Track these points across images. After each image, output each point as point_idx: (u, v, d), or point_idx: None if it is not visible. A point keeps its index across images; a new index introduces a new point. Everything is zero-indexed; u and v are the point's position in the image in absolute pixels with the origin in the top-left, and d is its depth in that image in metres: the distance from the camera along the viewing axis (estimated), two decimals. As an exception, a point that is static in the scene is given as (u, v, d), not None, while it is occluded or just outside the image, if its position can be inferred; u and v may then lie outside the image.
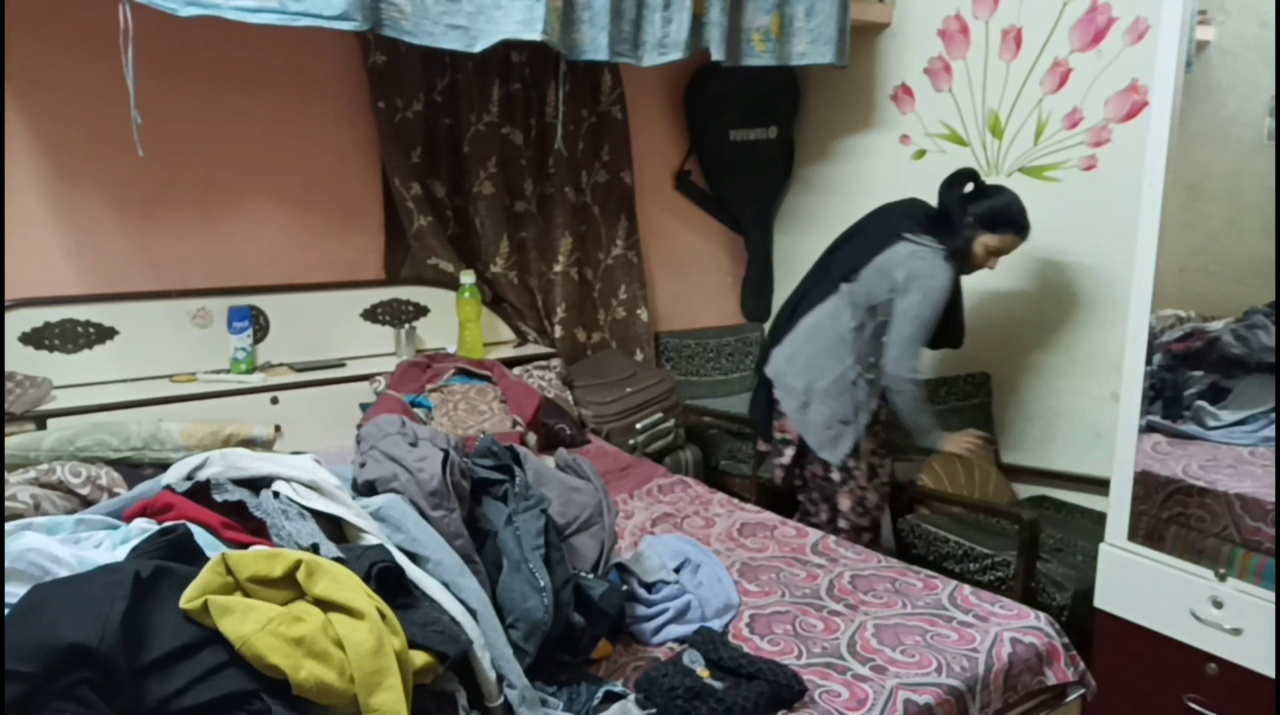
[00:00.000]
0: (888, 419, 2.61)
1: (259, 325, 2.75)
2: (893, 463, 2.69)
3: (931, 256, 2.40)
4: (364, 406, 2.65)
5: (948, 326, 2.59)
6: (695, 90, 3.55)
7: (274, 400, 2.59)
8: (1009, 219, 2.43)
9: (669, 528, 2.19)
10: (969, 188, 2.48)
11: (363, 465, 1.60)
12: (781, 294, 3.82)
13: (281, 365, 2.77)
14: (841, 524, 2.56)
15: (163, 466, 1.80)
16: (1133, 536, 1.97)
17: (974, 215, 2.43)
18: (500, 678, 1.31)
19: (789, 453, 2.61)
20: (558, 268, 3.24)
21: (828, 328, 2.51)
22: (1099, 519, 2.20)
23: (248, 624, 1.05)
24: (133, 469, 1.92)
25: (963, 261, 2.46)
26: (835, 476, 2.55)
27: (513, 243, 3.15)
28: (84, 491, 1.76)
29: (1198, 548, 1.94)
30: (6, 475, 1.74)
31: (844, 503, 2.56)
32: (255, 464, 1.44)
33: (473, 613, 1.34)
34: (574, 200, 3.25)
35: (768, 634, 1.68)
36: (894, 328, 2.42)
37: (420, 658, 1.18)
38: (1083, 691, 1.75)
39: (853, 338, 2.48)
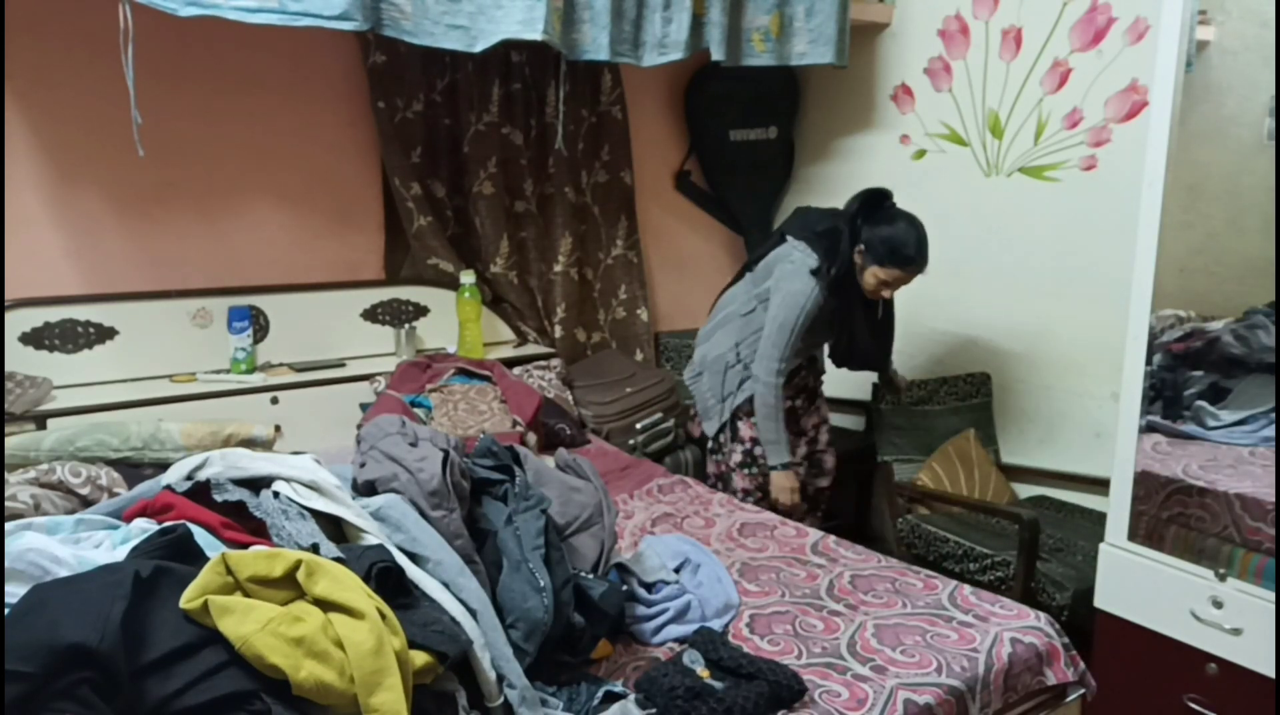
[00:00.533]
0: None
1: (259, 325, 2.75)
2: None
3: (800, 264, 2.41)
4: (364, 406, 2.65)
5: (848, 345, 2.59)
6: (695, 90, 3.55)
7: (274, 400, 2.59)
8: (892, 251, 2.36)
9: (669, 528, 2.19)
10: (875, 204, 2.42)
11: (363, 465, 1.60)
12: (781, 294, 3.83)
13: (281, 365, 2.77)
14: (710, 484, 2.73)
15: (163, 466, 1.80)
16: (1133, 536, 1.96)
17: (865, 242, 2.39)
18: (500, 678, 1.31)
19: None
20: (558, 268, 3.24)
21: (728, 307, 2.66)
22: (1099, 519, 2.20)
23: (248, 624, 1.05)
24: (133, 469, 1.92)
25: (842, 282, 2.42)
26: (710, 445, 2.72)
27: (513, 243, 3.15)
28: (84, 491, 1.76)
29: (1198, 548, 1.94)
30: (6, 475, 1.74)
31: (710, 467, 2.74)
32: (255, 464, 1.44)
33: (473, 613, 1.34)
34: (574, 200, 3.25)
35: (768, 634, 1.68)
36: (765, 328, 2.47)
37: (420, 658, 1.17)
38: (1083, 691, 1.75)
39: (740, 323, 2.58)
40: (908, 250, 2.36)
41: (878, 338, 2.66)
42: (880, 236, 2.38)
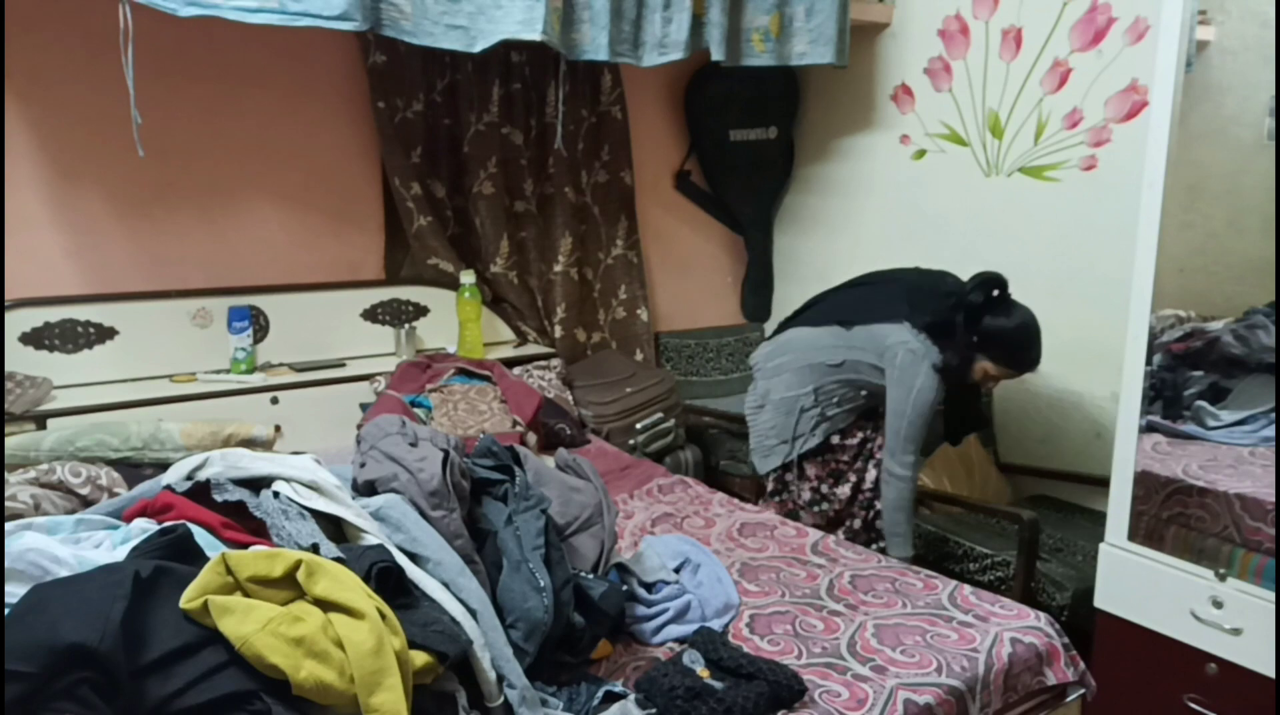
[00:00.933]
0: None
1: (259, 325, 2.75)
2: (848, 491, 2.54)
3: (921, 357, 2.29)
4: (364, 406, 2.65)
5: (963, 417, 2.57)
6: (695, 90, 3.55)
7: (274, 400, 2.59)
8: (1012, 355, 2.30)
9: (669, 528, 2.19)
10: (992, 293, 2.30)
11: (363, 465, 1.60)
12: (781, 294, 3.83)
13: (281, 365, 2.77)
14: None
15: (163, 466, 1.80)
16: (1133, 536, 1.96)
17: (979, 335, 2.29)
18: (500, 678, 1.31)
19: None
20: (558, 268, 3.24)
21: (807, 349, 2.47)
22: (1099, 519, 2.20)
23: (248, 624, 1.05)
24: (133, 469, 1.91)
25: (958, 372, 2.34)
26: (767, 486, 2.56)
27: (513, 243, 3.15)
28: (84, 491, 1.76)
29: (1198, 548, 1.94)
30: (6, 475, 1.74)
31: (772, 510, 2.47)
32: (255, 464, 1.44)
33: (473, 613, 1.34)
34: (574, 200, 3.25)
35: (768, 634, 1.68)
36: (888, 419, 2.36)
37: (420, 658, 1.17)
38: (1083, 691, 1.75)
39: (823, 370, 2.43)
40: (1029, 355, 2.30)
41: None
42: (997, 335, 2.28)
